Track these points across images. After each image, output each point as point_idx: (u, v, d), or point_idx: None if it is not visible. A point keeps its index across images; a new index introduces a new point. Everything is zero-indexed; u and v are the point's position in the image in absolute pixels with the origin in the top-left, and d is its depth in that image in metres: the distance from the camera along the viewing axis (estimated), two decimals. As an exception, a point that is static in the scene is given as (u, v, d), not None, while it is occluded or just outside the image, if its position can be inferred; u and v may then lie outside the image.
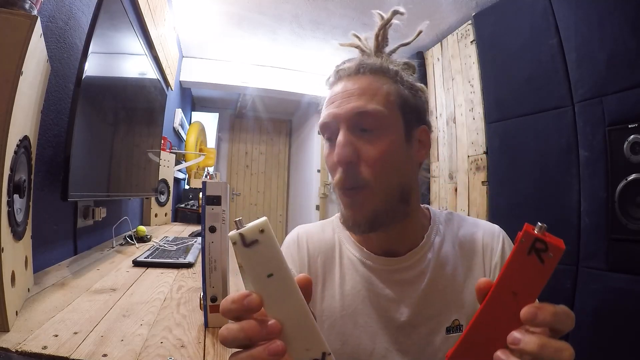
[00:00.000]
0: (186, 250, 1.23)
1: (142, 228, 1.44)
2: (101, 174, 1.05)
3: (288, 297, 0.28)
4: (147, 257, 1.07)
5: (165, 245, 1.29)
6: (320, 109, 0.57)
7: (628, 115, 1.26)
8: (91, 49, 0.82)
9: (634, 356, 1.19)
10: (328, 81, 0.58)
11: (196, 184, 3.14)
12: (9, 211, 0.55)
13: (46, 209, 0.88)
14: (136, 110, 1.37)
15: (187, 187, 3.19)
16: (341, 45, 0.64)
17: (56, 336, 0.53)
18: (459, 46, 2.27)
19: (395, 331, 0.54)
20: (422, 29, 0.59)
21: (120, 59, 1.12)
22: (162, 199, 2.18)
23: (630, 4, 1.26)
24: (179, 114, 2.86)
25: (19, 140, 0.57)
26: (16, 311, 0.58)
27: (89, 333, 0.55)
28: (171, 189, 2.30)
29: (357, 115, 0.50)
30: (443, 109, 2.43)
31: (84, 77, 0.80)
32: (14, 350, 0.48)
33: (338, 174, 0.51)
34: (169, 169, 2.29)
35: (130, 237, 1.39)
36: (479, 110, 2.07)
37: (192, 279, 0.92)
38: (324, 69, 3.20)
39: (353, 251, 0.59)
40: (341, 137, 0.51)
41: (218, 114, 4.67)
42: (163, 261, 1.04)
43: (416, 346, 0.54)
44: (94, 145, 0.96)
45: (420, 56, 2.65)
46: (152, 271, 0.97)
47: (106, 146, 1.07)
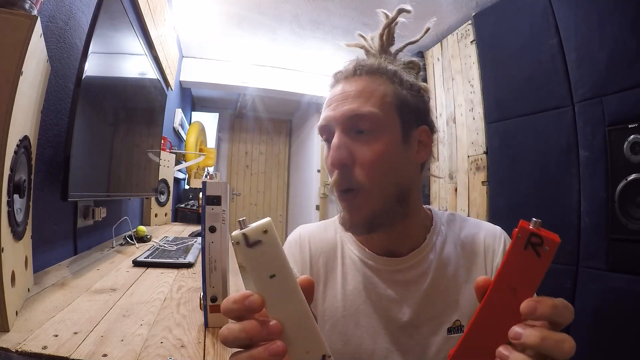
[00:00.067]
0: (186, 250, 1.23)
1: (142, 228, 1.44)
2: (101, 174, 1.05)
3: (290, 299, 0.28)
4: (147, 257, 1.07)
5: (165, 245, 1.29)
6: (321, 110, 0.57)
7: (628, 115, 1.26)
8: (91, 49, 0.82)
9: (634, 356, 1.19)
10: (329, 83, 0.58)
11: (196, 184, 3.14)
12: (9, 211, 0.55)
13: (46, 209, 0.88)
14: (136, 110, 1.36)
15: (187, 187, 3.19)
16: (347, 45, 0.64)
17: (56, 336, 0.53)
18: (459, 46, 2.27)
19: (396, 331, 0.54)
20: (430, 26, 0.59)
21: (120, 59, 1.12)
22: (162, 199, 2.18)
23: (630, 4, 1.26)
24: (179, 114, 2.85)
25: (19, 140, 0.57)
26: (16, 311, 0.58)
27: (89, 333, 0.55)
28: (171, 189, 2.30)
29: (351, 118, 0.51)
30: (443, 109, 2.43)
31: (84, 77, 0.80)
32: (14, 350, 0.48)
33: (334, 176, 0.52)
34: (169, 169, 2.29)
35: (130, 237, 1.39)
36: (479, 110, 2.07)
37: (192, 279, 0.92)
38: (324, 69, 3.20)
39: (355, 251, 0.59)
40: (335, 139, 0.52)
41: (218, 114, 4.67)
42: (163, 261, 1.05)
43: (417, 346, 0.54)
44: (94, 145, 0.96)
45: (420, 56, 2.64)
46: (152, 271, 0.97)
47: (106, 146, 1.07)
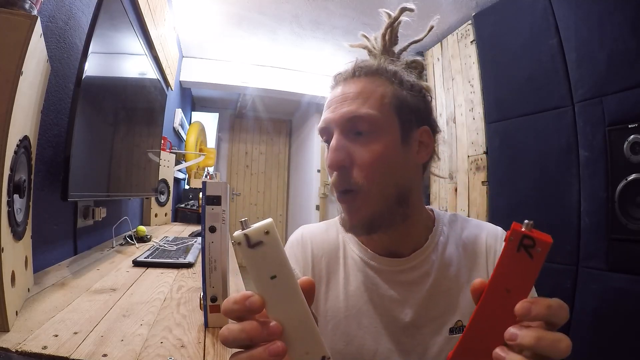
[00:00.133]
0: (186, 250, 1.23)
1: (142, 228, 1.44)
2: (101, 174, 1.05)
3: (290, 300, 0.28)
4: (147, 257, 1.07)
5: (165, 245, 1.29)
6: (321, 110, 0.58)
7: (628, 115, 1.26)
8: (91, 49, 0.82)
9: (634, 356, 1.19)
10: (329, 85, 0.58)
11: (196, 184, 3.14)
12: (9, 211, 0.55)
13: (46, 209, 0.88)
14: (136, 110, 1.36)
15: (187, 187, 3.19)
16: (351, 46, 0.64)
17: (56, 336, 0.53)
18: (459, 46, 2.27)
19: (398, 332, 0.54)
20: (434, 24, 0.59)
21: (120, 59, 1.12)
22: (162, 199, 2.18)
23: (630, 4, 1.26)
24: (179, 114, 2.85)
25: (19, 140, 0.57)
26: (16, 311, 0.57)
27: (89, 333, 0.55)
28: (171, 189, 2.30)
29: (350, 120, 0.51)
30: (443, 109, 2.43)
31: (84, 77, 0.80)
32: (14, 350, 0.48)
33: (333, 177, 0.52)
34: (169, 169, 2.29)
35: (130, 237, 1.39)
36: (479, 110, 2.07)
37: (192, 279, 0.92)
38: (324, 69, 3.20)
39: (357, 252, 0.59)
40: (334, 141, 0.52)
41: (218, 114, 4.67)
42: (163, 261, 1.04)
43: (419, 347, 0.54)
44: (94, 145, 0.96)
45: (420, 56, 2.63)
46: (152, 271, 0.97)
47: (106, 146, 1.07)
